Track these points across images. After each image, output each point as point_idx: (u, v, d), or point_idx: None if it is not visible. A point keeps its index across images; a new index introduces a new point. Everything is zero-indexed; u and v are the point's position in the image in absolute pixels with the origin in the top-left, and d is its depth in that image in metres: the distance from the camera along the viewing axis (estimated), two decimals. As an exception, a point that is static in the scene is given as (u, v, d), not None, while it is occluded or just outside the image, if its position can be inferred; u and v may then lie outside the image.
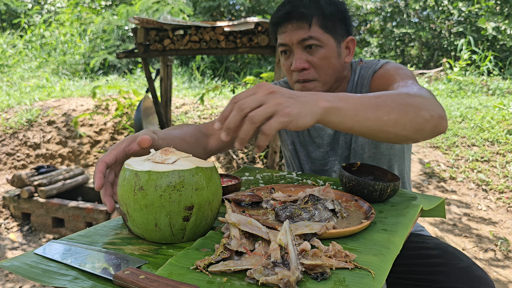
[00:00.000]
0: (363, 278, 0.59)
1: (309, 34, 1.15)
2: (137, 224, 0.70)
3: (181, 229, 0.70)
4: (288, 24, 1.17)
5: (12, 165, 4.55)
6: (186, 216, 0.69)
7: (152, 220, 0.68)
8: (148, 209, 0.68)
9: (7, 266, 0.66)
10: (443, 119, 0.90)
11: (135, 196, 0.68)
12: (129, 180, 0.69)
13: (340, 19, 1.19)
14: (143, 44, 3.27)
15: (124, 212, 0.71)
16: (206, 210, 0.72)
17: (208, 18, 9.66)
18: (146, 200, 0.67)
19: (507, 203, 3.48)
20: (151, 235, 0.71)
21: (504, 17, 8.72)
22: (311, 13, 1.14)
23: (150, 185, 0.67)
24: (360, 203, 0.92)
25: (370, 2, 11.21)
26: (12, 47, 8.59)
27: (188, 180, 0.68)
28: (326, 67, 1.18)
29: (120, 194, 0.71)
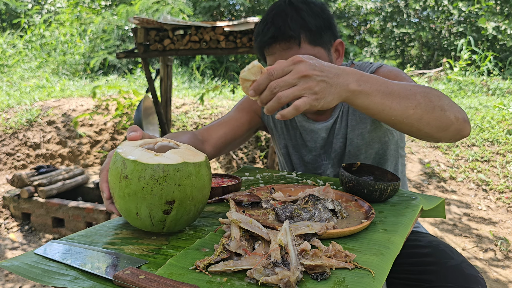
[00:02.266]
0: (363, 278, 0.59)
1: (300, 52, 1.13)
2: (120, 209, 0.73)
3: (161, 221, 0.71)
4: (276, 45, 1.14)
5: (12, 165, 4.55)
6: (166, 209, 0.70)
7: (134, 209, 0.70)
8: (130, 198, 0.69)
9: (7, 266, 0.66)
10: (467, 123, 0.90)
11: (120, 183, 0.69)
12: (117, 167, 0.71)
13: (326, 28, 1.16)
14: (143, 44, 3.27)
15: (112, 194, 0.74)
16: (188, 205, 0.72)
17: (208, 18, 9.66)
18: (129, 189, 0.68)
19: (507, 203, 3.48)
20: (132, 222, 0.73)
21: (504, 17, 8.72)
22: (298, 33, 1.12)
23: (134, 175, 0.68)
24: (360, 203, 0.92)
25: (370, 2, 11.20)
26: (12, 47, 8.59)
27: (172, 175, 0.69)
28: None
29: (110, 176, 0.73)
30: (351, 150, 1.30)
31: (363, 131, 1.28)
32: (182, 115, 5.19)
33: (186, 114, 5.24)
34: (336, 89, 0.77)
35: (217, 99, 5.74)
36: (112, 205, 0.80)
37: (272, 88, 0.75)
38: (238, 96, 5.97)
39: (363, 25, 12.13)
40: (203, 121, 5.09)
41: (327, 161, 1.35)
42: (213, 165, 4.65)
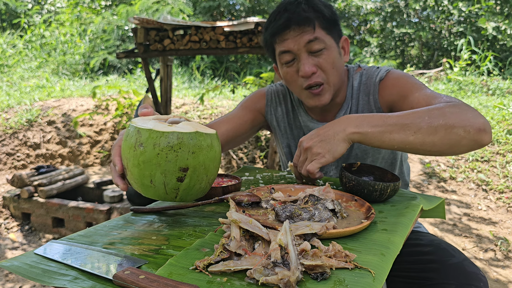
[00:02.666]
0: (363, 278, 0.59)
1: (315, 36, 1.14)
2: (134, 179, 0.73)
3: (174, 189, 0.72)
4: (289, 31, 1.15)
5: (12, 165, 4.55)
6: (180, 177, 0.71)
7: (148, 176, 0.71)
8: (145, 165, 0.70)
9: (7, 266, 0.66)
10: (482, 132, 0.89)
11: (134, 151, 0.71)
12: (132, 136, 0.72)
13: (334, 21, 1.20)
14: (143, 44, 3.27)
15: (125, 166, 0.75)
16: (201, 174, 0.74)
17: (208, 18, 9.66)
18: (144, 157, 0.70)
19: (507, 203, 3.48)
20: (146, 190, 0.74)
21: (504, 17, 8.72)
22: (313, 16, 1.14)
23: (149, 142, 0.70)
24: (360, 203, 0.92)
25: (370, 2, 11.21)
26: (12, 47, 8.59)
27: (186, 142, 0.71)
28: (332, 68, 1.19)
29: (123, 148, 0.74)
30: (358, 154, 1.31)
31: None
32: (182, 115, 5.19)
33: (186, 114, 5.24)
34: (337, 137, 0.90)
35: (217, 99, 5.74)
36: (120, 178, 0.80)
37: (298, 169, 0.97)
38: (238, 96, 5.97)
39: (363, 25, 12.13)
40: (203, 121, 5.09)
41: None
42: (213, 165, 4.65)
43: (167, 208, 0.92)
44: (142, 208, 0.93)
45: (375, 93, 1.26)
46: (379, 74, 1.28)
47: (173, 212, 0.92)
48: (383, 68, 1.29)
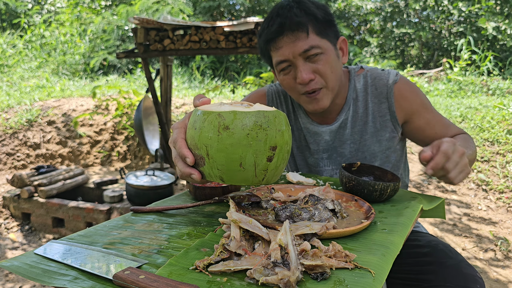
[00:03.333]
0: (363, 278, 0.59)
1: (310, 44, 1.12)
2: (218, 166, 0.69)
3: (263, 170, 0.70)
4: (283, 37, 1.13)
5: (12, 165, 4.55)
6: (269, 156, 0.69)
7: (237, 160, 0.68)
8: (234, 148, 0.67)
9: (7, 266, 0.66)
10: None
11: (219, 136, 0.67)
12: (211, 121, 0.68)
13: (329, 22, 1.17)
14: (143, 44, 3.27)
15: (202, 155, 0.70)
16: (285, 153, 0.72)
17: (208, 18, 9.66)
18: (232, 139, 0.67)
19: (507, 203, 3.48)
20: (232, 176, 0.70)
21: (504, 17, 8.72)
22: (305, 21, 1.12)
23: (236, 124, 0.67)
24: (360, 203, 0.92)
25: (370, 2, 11.20)
26: (12, 47, 8.59)
27: (272, 120, 0.69)
28: (331, 72, 1.16)
29: (198, 137, 0.70)
30: (367, 157, 1.30)
31: (382, 139, 1.28)
32: (182, 115, 5.19)
33: (186, 114, 5.24)
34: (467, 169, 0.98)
35: (217, 99, 5.74)
36: (194, 169, 0.74)
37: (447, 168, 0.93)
38: (238, 96, 5.97)
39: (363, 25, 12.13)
40: (203, 121, 5.08)
41: (331, 166, 1.33)
42: (213, 165, 4.65)
43: (167, 208, 0.92)
44: (142, 208, 0.93)
45: (390, 97, 1.25)
46: (390, 76, 1.26)
47: (173, 212, 0.92)
48: (391, 71, 1.28)
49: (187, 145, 0.74)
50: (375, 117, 1.28)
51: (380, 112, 1.27)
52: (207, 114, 0.70)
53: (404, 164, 1.40)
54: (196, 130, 0.71)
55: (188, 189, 1.04)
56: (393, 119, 1.27)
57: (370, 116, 1.28)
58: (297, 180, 1.10)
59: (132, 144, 5.01)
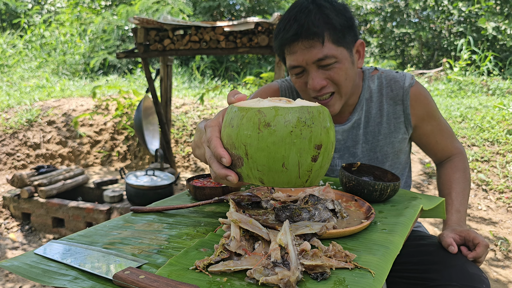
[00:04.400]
0: (363, 278, 0.59)
1: (324, 54, 1.10)
2: (258, 166, 0.64)
3: (307, 171, 0.64)
4: (298, 43, 1.11)
5: (12, 165, 4.55)
6: (314, 155, 0.64)
7: (280, 159, 0.62)
8: (276, 147, 0.62)
9: (7, 266, 0.66)
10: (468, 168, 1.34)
11: (259, 133, 0.62)
12: (250, 118, 0.63)
13: (348, 28, 1.14)
14: (143, 44, 3.27)
15: (240, 155, 0.65)
16: (330, 151, 0.67)
17: (208, 18, 9.66)
18: (274, 137, 0.61)
19: (507, 203, 3.48)
20: (274, 177, 0.64)
21: (504, 17, 8.72)
22: (322, 30, 1.09)
23: (278, 120, 0.62)
24: (360, 203, 0.92)
25: (370, 2, 11.21)
26: (12, 47, 8.59)
27: (317, 116, 0.64)
28: (345, 79, 1.15)
29: (236, 135, 0.64)
30: (379, 157, 1.30)
31: (394, 140, 1.29)
32: (182, 115, 5.19)
33: (186, 114, 5.24)
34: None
35: (217, 99, 5.74)
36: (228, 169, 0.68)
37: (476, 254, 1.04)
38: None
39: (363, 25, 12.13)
40: (203, 121, 5.08)
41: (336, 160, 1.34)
42: (213, 165, 4.65)
43: (167, 208, 0.92)
44: (142, 208, 0.93)
45: (406, 99, 1.26)
46: (406, 79, 1.27)
47: (173, 212, 0.92)
48: (407, 74, 1.28)
49: (223, 145, 0.68)
50: (389, 119, 1.28)
51: (395, 114, 1.28)
52: (246, 110, 0.64)
53: (409, 165, 1.42)
54: (233, 128, 0.65)
55: (188, 189, 1.04)
56: (407, 121, 1.28)
57: (384, 117, 1.28)
58: None
59: (132, 144, 5.01)
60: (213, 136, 0.70)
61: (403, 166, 1.37)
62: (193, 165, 4.74)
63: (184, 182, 4.13)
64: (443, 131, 1.33)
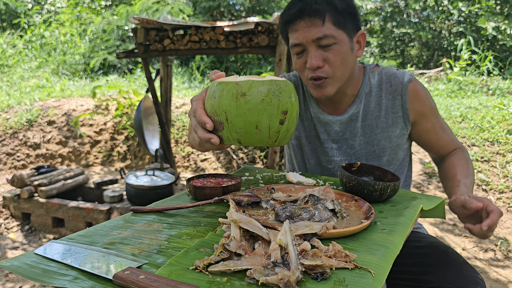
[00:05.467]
0: (363, 278, 0.59)
1: (324, 33, 1.14)
2: (236, 129, 0.76)
3: (276, 132, 0.77)
4: (301, 21, 1.16)
5: (12, 165, 4.55)
6: (281, 119, 0.76)
7: (254, 123, 0.75)
8: (251, 112, 0.74)
9: (7, 266, 0.66)
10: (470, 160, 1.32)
11: (237, 102, 0.74)
12: (230, 90, 0.75)
13: (350, 14, 1.18)
14: (143, 44, 3.27)
15: (221, 121, 0.77)
16: (294, 118, 0.80)
17: (208, 18, 9.66)
18: (249, 104, 0.74)
19: (507, 203, 3.48)
20: (249, 138, 0.77)
21: (504, 17, 8.72)
22: (324, 9, 1.14)
23: (252, 91, 0.74)
24: (360, 203, 0.92)
25: (370, 2, 11.20)
26: (12, 47, 8.59)
27: (283, 88, 0.77)
28: (340, 63, 1.19)
29: (217, 104, 0.76)
30: (376, 151, 1.31)
31: (392, 135, 1.29)
32: (182, 115, 5.19)
33: (186, 114, 5.24)
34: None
35: (217, 99, 5.74)
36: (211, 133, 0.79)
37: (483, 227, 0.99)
38: (238, 96, 5.95)
39: (363, 25, 12.12)
40: (203, 121, 5.08)
41: (340, 157, 1.34)
42: (213, 165, 4.65)
43: (167, 208, 0.92)
44: (142, 208, 0.93)
45: (404, 94, 1.28)
46: (405, 75, 1.29)
47: (173, 212, 0.92)
48: (406, 72, 1.31)
49: (206, 114, 0.80)
50: (387, 113, 1.29)
51: (393, 108, 1.29)
52: (225, 84, 0.77)
53: (409, 164, 1.42)
54: (215, 98, 0.77)
55: (188, 189, 1.04)
56: (405, 116, 1.29)
57: (383, 111, 1.30)
58: (297, 180, 1.11)
59: (132, 144, 5.01)
60: (198, 107, 0.81)
61: (401, 163, 1.37)
62: (193, 165, 4.74)
63: (184, 182, 4.13)
64: (444, 128, 1.34)
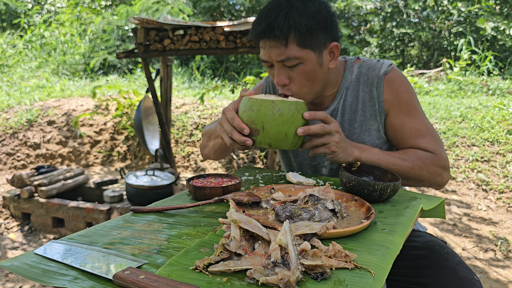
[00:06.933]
0: (363, 278, 0.59)
1: (286, 55, 1.12)
2: (270, 135, 1.01)
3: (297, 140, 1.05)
4: (266, 40, 1.14)
5: (12, 165, 4.55)
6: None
7: (284, 132, 1.01)
8: (283, 124, 1.00)
9: (7, 266, 0.66)
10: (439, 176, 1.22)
11: (273, 115, 1.00)
12: (267, 106, 1.00)
13: (320, 29, 1.13)
14: (143, 44, 3.27)
15: (257, 128, 1.01)
16: None
17: (208, 18, 9.66)
18: (282, 118, 1.00)
19: (507, 203, 3.48)
20: (278, 143, 1.03)
21: (504, 17, 8.72)
22: (286, 33, 1.10)
23: (285, 109, 1.01)
24: (360, 203, 0.92)
25: (370, 2, 11.20)
26: (12, 47, 8.59)
27: (303, 107, 1.05)
28: (305, 80, 1.17)
29: (255, 116, 1.01)
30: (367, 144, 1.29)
31: (371, 128, 1.27)
32: (182, 115, 5.19)
33: (186, 114, 5.24)
34: (346, 152, 1.12)
35: (217, 99, 5.74)
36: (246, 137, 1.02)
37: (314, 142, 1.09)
38: (238, 95, 5.96)
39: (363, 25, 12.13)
40: (203, 121, 5.09)
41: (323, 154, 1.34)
42: (213, 165, 4.65)
43: (167, 208, 0.92)
44: (142, 208, 0.93)
45: (379, 86, 1.25)
46: (382, 67, 1.27)
47: (173, 212, 0.92)
48: (385, 62, 1.28)
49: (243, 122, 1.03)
50: (365, 106, 1.28)
51: (370, 102, 1.27)
52: (263, 101, 1.01)
53: None
54: (253, 111, 1.01)
55: (188, 189, 1.04)
56: (380, 109, 1.26)
57: (360, 105, 1.28)
58: (297, 180, 1.11)
59: (132, 144, 5.01)
60: (235, 117, 1.04)
61: None
62: (193, 165, 4.74)
63: (184, 182, 4.13)
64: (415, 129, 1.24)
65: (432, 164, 1.20)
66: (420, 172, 1.19)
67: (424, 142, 1.23)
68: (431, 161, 1.20)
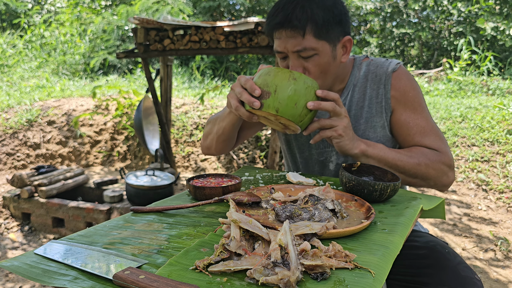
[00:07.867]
0: (363, 278, 0.59)
1: (303, 46, 1.14)
2: (279, 100, 1.00)
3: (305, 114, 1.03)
4: (282, 31, 1.16)
5: (12, 165, 4.55)
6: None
7: (294, 100, 1.00)
8: (295, 92, 1.00)
9: (7, 266, 0.66)
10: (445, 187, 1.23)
11: (288, 82, 1.00)
12: (284, 72, 1.02)
13: (335, 23, 1.16)
14: (143, 44, 3.27)
15: (269, 91, 1.01)
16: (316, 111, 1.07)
17: (208, 18, 9.66)
18: (296, 86, 1.01)
19: (507, 203, 3.48)
20: (286, 110, 1.01)
21: (504, 17, 8.72)
22: (303, 24, 1.12)
23: (301, 79, 1.02)
24: (360, 203, 0.92)
25: (370, 2, 11.20)
26: (12, 47, 8.59)
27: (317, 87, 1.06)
28: (320, 72, 1.19)
29: (271, 79, 1.01)
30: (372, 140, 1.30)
31: (376, 125, 1.28)
32: (182, 115, 5.19)
33: (186, 114, 5.24)
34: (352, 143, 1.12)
35: (217, 99, 5.74)
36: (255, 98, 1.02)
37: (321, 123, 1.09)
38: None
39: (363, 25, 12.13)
40: (203, 121, 5.09)
41: (330, 147, 1.34)
42: (213, 165, 4.66)
43: (167, 208, 0.92)
44: (142, 208, 0.93)
45: (387, 83, 1.27)
46: (390, 65, 1.28)
47: (173, 212, 0.92)
48: (394, 61, 1.30)
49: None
50: (371, 103, 1.29)
51: (377, 98, 1.28)
52: (282, 69, 1.03)
53: None
54: (269, 75, 1.02)
55: (188, 189, 1.04)
56: (387, 106, 1.28)
57: (366, 102, 1.29)
58: (297, 180, 1.11)
59: (132, 144, 5.01)
60: (249, 80, 1.04)
61: None
62: (193, 165, 4.74)
63: (184, 182, 4.13)
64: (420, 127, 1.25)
65: (438, 162, 1.19)
66: (426, 169, 1.17)
67: (429, 140, 1.23)
68: (437, 159, 1.19)
